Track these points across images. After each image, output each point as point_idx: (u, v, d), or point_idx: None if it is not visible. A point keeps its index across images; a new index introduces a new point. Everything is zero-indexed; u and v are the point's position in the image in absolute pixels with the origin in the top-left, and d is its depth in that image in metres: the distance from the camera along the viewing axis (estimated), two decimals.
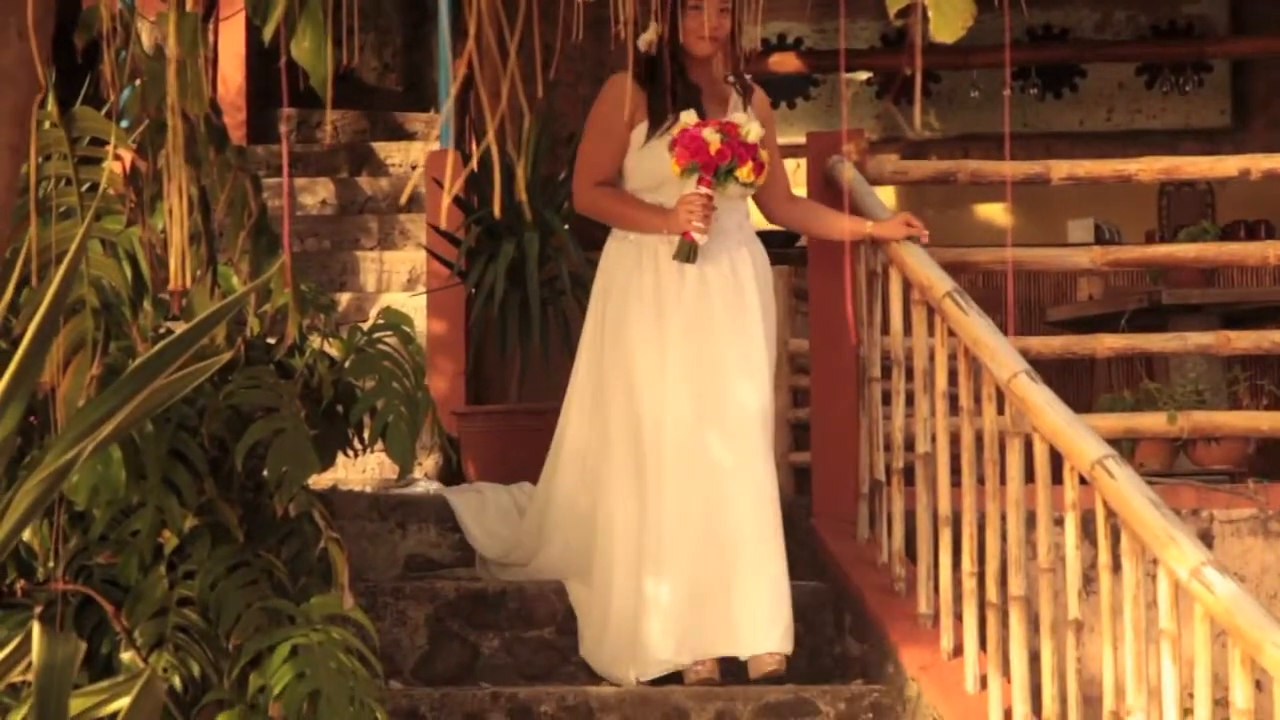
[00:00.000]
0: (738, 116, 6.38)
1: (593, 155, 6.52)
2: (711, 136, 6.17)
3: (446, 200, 4.40)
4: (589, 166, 6.52)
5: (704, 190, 6.20)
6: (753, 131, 6.28)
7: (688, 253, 6.26)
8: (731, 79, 6.60)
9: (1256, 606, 5.03)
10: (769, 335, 6.47)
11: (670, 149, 6.24)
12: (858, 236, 6.71)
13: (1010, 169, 7.69)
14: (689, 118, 6.24)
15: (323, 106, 4.75)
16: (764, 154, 6.31)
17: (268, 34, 4.68)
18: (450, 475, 9.00)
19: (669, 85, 6.26)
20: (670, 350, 6.34)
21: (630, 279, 6.43)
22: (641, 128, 6.39)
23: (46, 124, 5.29)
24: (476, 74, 4.42)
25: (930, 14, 4.29)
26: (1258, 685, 4.97)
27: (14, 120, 4.95)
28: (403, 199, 11.11)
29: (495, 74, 4.44)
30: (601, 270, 6.57)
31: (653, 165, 6.37)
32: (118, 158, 5.34)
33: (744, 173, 6.22)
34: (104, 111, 5.33)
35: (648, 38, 6.34)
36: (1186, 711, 5.20)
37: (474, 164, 4.74)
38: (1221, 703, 5.08)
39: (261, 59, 11.24)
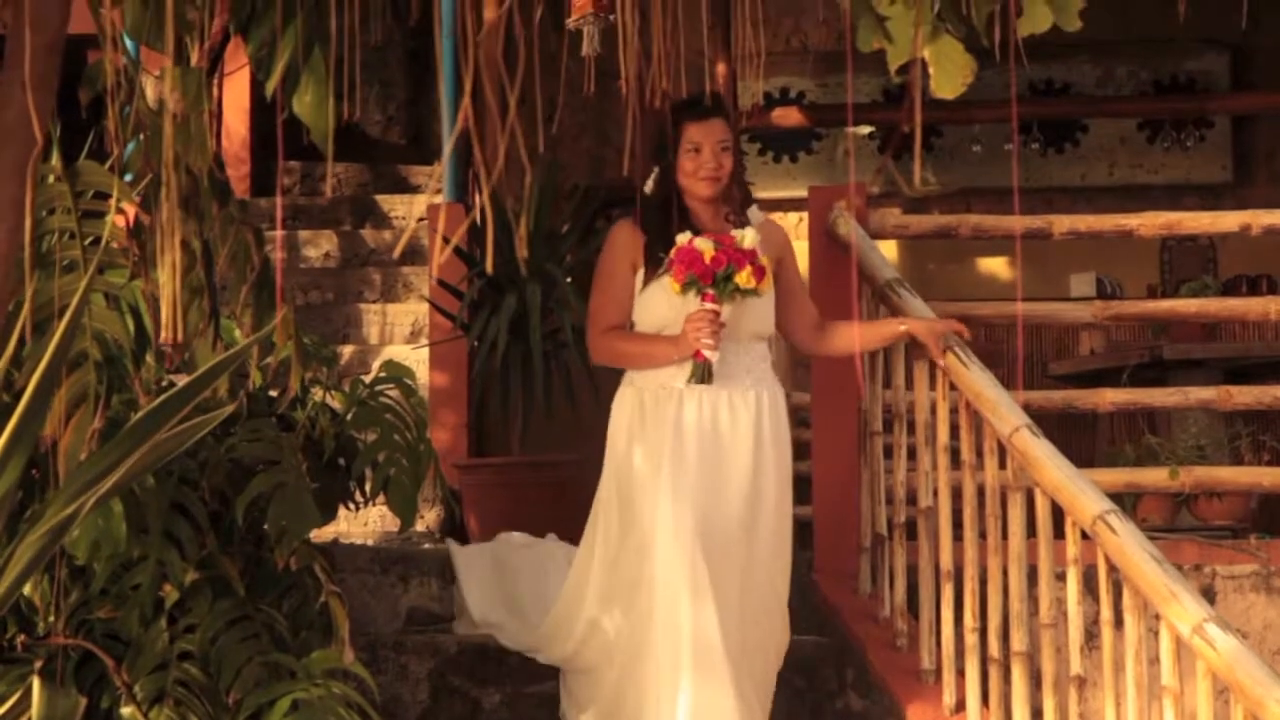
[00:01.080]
0: (734, 232, 6.03)
1: (600, 302, 6.20)
2: (705, 245, 5.90)
3: (444, 253, 4.42)
4: (598, 313, 6.20)
5: (709, 306, 5.90)
6: (748, 238, 5.96)
7: (701, 373, 5.95)
8: (733, 217, 6.20)
9: (1259, 663, 5.01)
10: (779, 477, 6.08)
11: (668, 269, 5.95)
12: (897, 339, 6.53)
13: (1014, 223, 7.69)
14: (683, 238, 5.96)
15: (326, 160, 4.76)
16: (765, 260, 5.98)
17: (270, 89, 4.69)
18: (452, 528, 8.99)
19: (667, 228, 6.02)
20: (680, 502, 5.91)
21: (638, 428, 6.06)
22: (643, 272, 6.12)
23: (50, 178, 5.31)
24: (472, 129, 4.44)
25: (931, 70, 4.30)
26: None
27: (16, 174, 4.95)
28: (397, 252, 11.12)
29: (495, 128, 4.45)
30: (613, 420, 6.16)
31: (655, 307, 6.07)
32: (121, 211, 5.35)
33: (743, 277, 5.88)
34: (108, 165, 5.35)
35: (649, 185, 6.18)
36: None
37: (475, 216, 4.76)
38: None
39: (266, 111, 11.26)
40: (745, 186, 6.31)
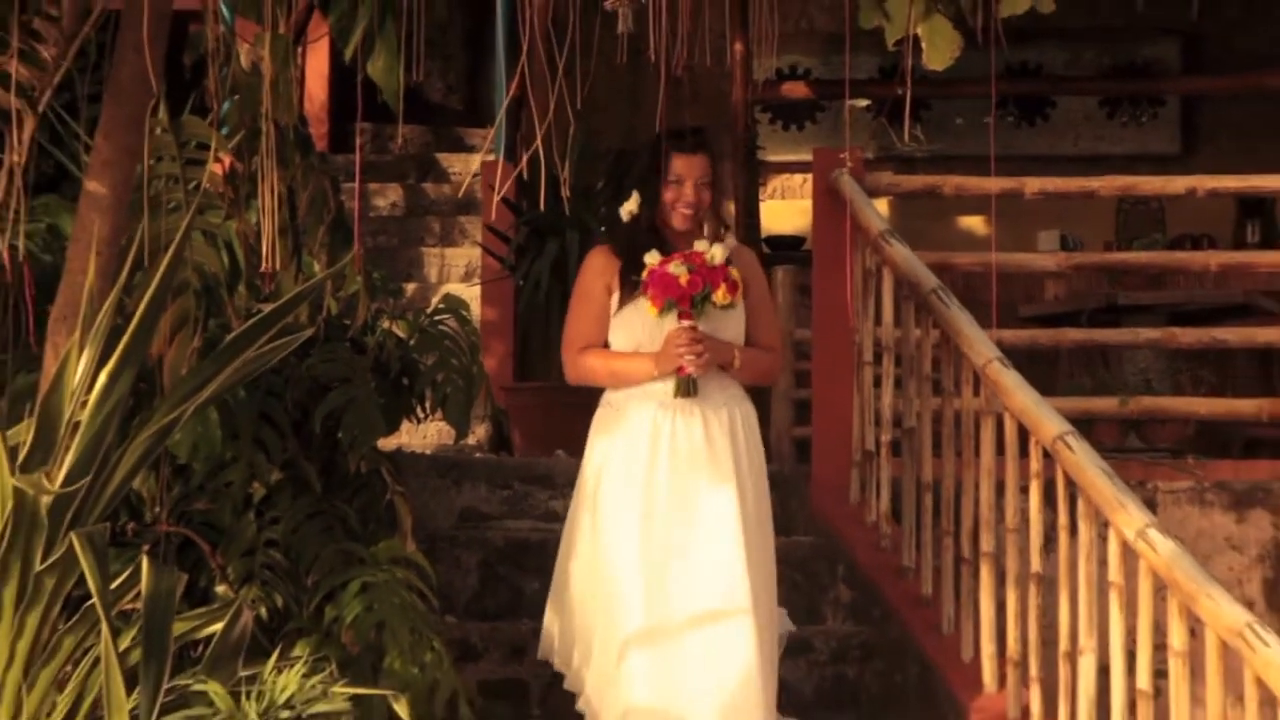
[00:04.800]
0: (699, 244, 5.47)
1: (576, 323, 5.61)
2: (679, 270, 5.37)
3: (496, 204, 4.41)
4: (574, 334, 5.61)
5: (687, 324, 5.39)
6: (716, 254, 5.42)
7: (687, 387, 5.41)
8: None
9: (1192, 564, 5.05)
10: (755, 487, 5.49)
11: (644, 292, 5.42)
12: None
13: (990, 184, 7.70)
14: (651, 259, 5.43)
15: (395, 121, 4.78)
16: (735, 272, 5.43)
17: (349, 54, 4.72)
18: (500, 442, 9.04)
19: (642, 254, 5.46)
20: (654, 517, 5.37)
21: (614, 445, 5.48)
22: (619, 295, 5.53)
23: (159, 131, 5.32)
24: (529, 95, 4.46)
25: (924, 44, 4.32)
26: (1192, 632, 4.99)
27: (131, 127, 5.00)
28: (460, 193, 11.11)
29: (544, 96, 4.48)
30: (590, 438, 5.60)
31: (631, 328, 5.51)
32: (218, 160, 5.38)
33: (719, 295, 5.38)
34: (208, 121, 5.37)
35: (629, 207, 5.62)
36: (1130, 653, 5.22)
37: (523, 167, 4.78)
38: (1160, 646, 5.09)
39: (342, 78, 11.27)
40: (722, 220, 5.67)
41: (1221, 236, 10.25)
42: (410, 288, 10.18)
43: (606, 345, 5.56)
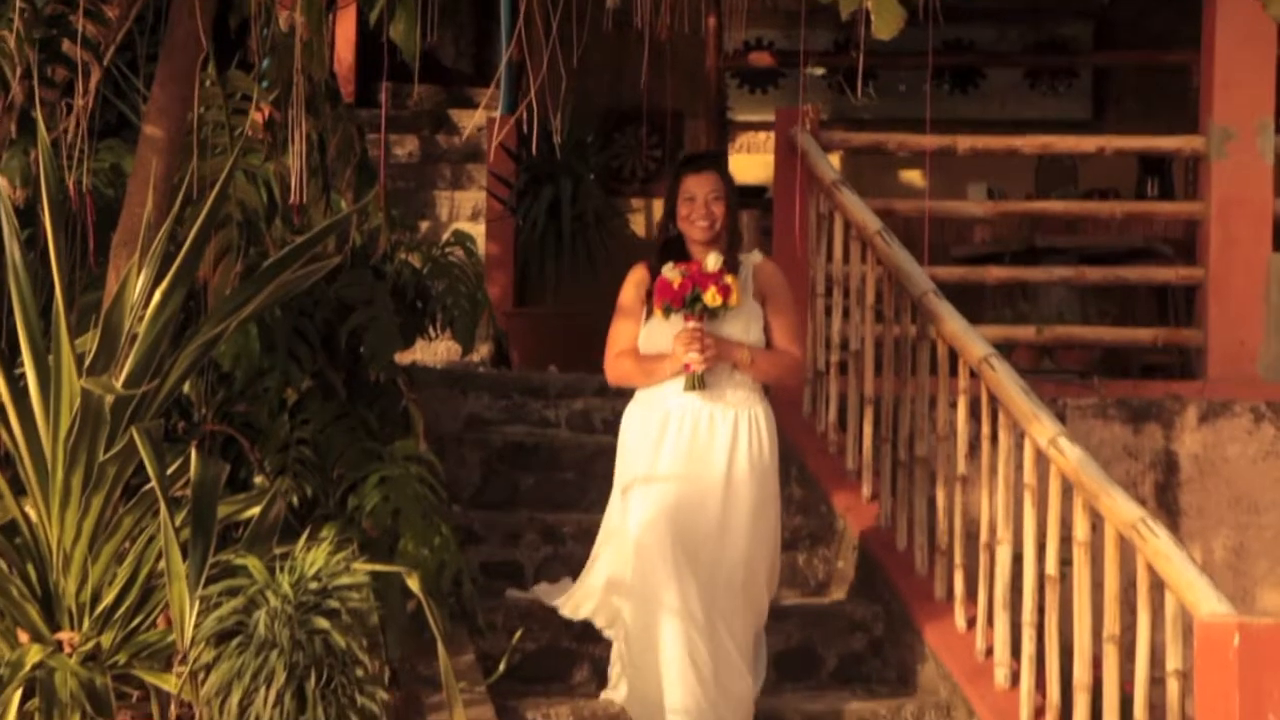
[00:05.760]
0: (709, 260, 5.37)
1: (615, 331, 5.50)
2: (672, 274, 5.31)
3: (495, 150, 4.38)
4: (613, 340, 5.51)
5: (690, 325, 5.30)
6: (710, 261, 5.32)
7: (694, 382, 5.32)
8: (725, 262, 5.40)
9: (1096, 468, 5.08)
10: (758, 480, 5.37)
11: (651, 298, 5.41)
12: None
13: (928, 141, 7.69)
14: (666, 269, 5.37)
15: (412, 81, 4.74)
16: (730, 279, 5.30)
17: (373, 18, 4.69)
18: (500, 358, 9.04)
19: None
20: (669, 501, 5.29)
21: (636, 437, 5.42)
22: (648, 306, 5.45)
23: (207, 83, 5.30)
24: (528, 59, 4.46)
25: (873, 16, 4.29)
26: (1093, 526, 5.02)
27: (183, 79, 4.98)
28: (465, 135, 11.05)
29: (540, 60, 4.47)
30: (621, 429, 5.52)
31: (656, 335, 5.41)
32: (259, 110, 5.36)
33: (708, 297, 5.26)
34: (250, 75, 5.34)
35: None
36: (1040, 544, 5.25)
37: (522, 120, 4.75)
38: (1066, 538, 5.12)
39: (367, 43, 11.20)
40: (738, 232, 5.57)
41: (1125, 190, 10.20)
42: (424, 225, 10.13)
43: (638, 352, 5.47)
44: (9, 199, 4.94)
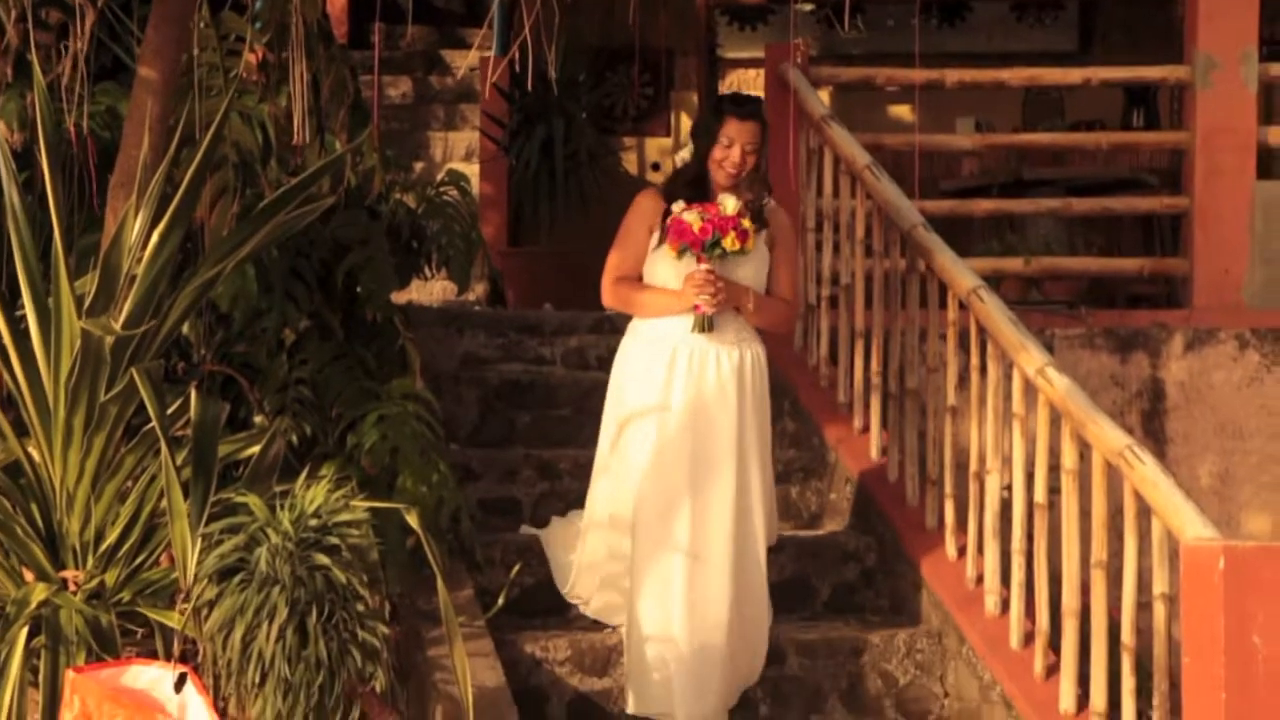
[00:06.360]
0: (721, 198, 5.34)
1: (616, 255, 5.45)
2: (691, 218, 5.26)
3: (489, 89, 4.39)
4: (613, 266, 5.44)
5: (704, 267, 5.27)
6: (729, 205, 5.29)
7: (703, 324, 5.31)
8: (751, 202, 5.41)
9: (1083, 396, 5.09)
10: (757, 418, 5.42)
11: (665, 237, 5.34)
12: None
13: (916, 75, 7.66)
14: (677, 207, 5.32)
15: (404, 22, 4.72)
16: (747, 223, 5.28)
17: None
18: (495, 297, 9.03)
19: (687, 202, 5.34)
20: (670, 440, 5.31)
21: (636, 372, 5.40)
22: (658, 236, 5.40)
23: (201, 25, 5.27)
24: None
25: None
26: (1081, 455, 5.04)
27: (177, 21, 4.94)
28: (459, 75, 11.00)
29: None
30: (616, 363, 5.51)
31: (661, 267, 5.38)
32: (253, 51, 5.33)
33: (728, 242, 5.24)
34: (244, 16, 5.31)
35: (683, 155, 5.52)
36: (1029, 473, 5.27)
37: (514, 59, 4.73)
38: (1054, 467, 5.14)
39: None
40: (766, 181, 5.50)
41: (1111, 121, 10.19)
42: (418, 166, 10.10)
43: (640, 279, 5.43)
44: (6, 142, 4.92)
